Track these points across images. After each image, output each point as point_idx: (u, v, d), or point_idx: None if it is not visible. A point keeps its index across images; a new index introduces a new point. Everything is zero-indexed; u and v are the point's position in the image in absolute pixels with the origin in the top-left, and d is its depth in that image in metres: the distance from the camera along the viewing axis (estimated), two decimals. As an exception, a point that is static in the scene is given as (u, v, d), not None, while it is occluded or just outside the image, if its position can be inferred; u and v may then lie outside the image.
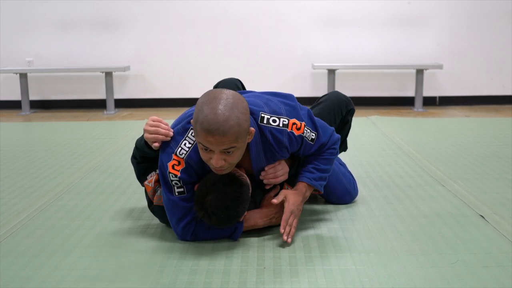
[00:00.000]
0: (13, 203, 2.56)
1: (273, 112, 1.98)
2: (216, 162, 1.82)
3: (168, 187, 1.98)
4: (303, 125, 2.01)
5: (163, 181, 1.98)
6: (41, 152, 3.63)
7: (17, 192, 2.74)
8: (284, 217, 2.03)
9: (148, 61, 5.83)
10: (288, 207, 2.04)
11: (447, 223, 2.22)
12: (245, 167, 2.06)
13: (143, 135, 2.06)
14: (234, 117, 1.77)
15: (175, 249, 1.99)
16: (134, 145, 2.20)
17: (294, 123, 1.99)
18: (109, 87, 5.62)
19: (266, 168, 2.07)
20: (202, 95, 1.84)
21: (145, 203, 2.50)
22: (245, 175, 1.99)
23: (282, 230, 2.01)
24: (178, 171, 1.94)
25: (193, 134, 1.94)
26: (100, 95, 5.84)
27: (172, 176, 1.94)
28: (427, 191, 2.66)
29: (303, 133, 2.02)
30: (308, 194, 2.14)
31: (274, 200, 2.04)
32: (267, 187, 2.13)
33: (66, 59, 5.79)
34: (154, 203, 2.15)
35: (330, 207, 2.43)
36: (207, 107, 1.77)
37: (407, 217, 2.30)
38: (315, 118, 2.11)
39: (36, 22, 5.76)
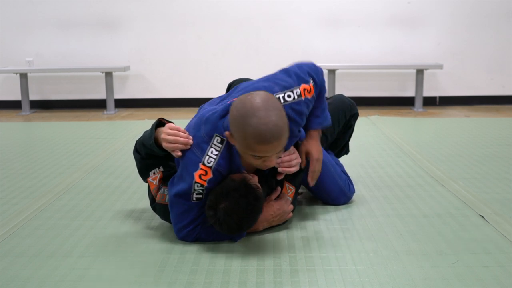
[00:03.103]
0: (13, 203, 2.56)
1: (284, 88, 2.01)
2: (273, 162, 1.89)
3: (187, 194, 1.95)
4: (311, 85, 2.07)
5: (183, 188, 1.95)
6: (41, 152, 3.63)
7: (17, 192, 2.74)
8: (311, 168, 2.16)
9: (148, 61, 5.83)
10: (313, 157, 2.16)
11: (447, 223, 2.22)
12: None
13: (151, 133, 2.04)
14: (279, 117, 1.80)
15: (175, 249, 1.99)
16: (136, 142, 2.17)
17: (304, 89, 2.04)
18: (109, 87, 5.62)
19: (282, 156, 2.07)
20: (235, 107, 1.83)
21: (145, 203, 2.50)
22: (260, 186, 1.98)
23: (310, 179, 2.19)
24: (206, 181, 1.92)
25: (218, 141, 1.92)
26: (100, 95, 5.84)
27: (198, 186, 1.93)
28: (427, 191, 2.66)
29: (314, 93, 2.09)
30: (319, 134, 2.26)
31: (279, 175, 2.12)
32: (280, 177, 2.12)
33: (66, 59, 5.79)
34: (156, 201, 2.15)
35: (330, 207, 2.43)
36: (253, 119, 1.76)
37: (407, 217, 2.30)
38: (306, 66, 2.16)
39: (36, 22, 5.76)
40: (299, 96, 2.02)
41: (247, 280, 1.74)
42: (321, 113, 2.20)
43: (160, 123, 2.09)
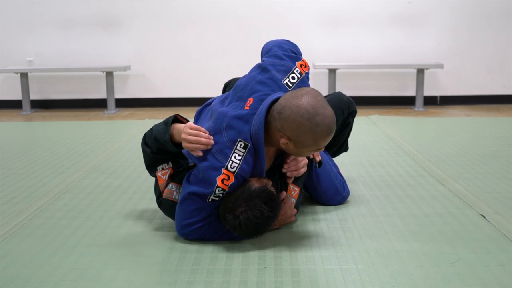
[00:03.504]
0: (13, 202, 2.56)
1: (286, 72, 2.05)
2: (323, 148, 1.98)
3: (204, 195, 1.94)
4: (304, 60, 2.12)
5: (202, 191, 1.94)
6: (42, 152, 3.63)
7: (17, 191, 2.74)
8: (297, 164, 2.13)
9: (149, 61, 5.83)
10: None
11: (448, 222, 2.22)
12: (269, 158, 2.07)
13: (167, 128, 2.02)
14: (328, 105, 1.87)
15: (176, 248, 1.99)
16: (144, 135, 2.16)
17: (301, 65, 2.09)
18: (110, 87, 5.62)
19: (288, 161, 2.09)
20: (297, 114, 1.82)
21: (145, 203, 2.51)
22: (276, 192, 1.99)
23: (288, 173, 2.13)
24: (227, 185, 1.92)
25: (241, 146, 1.92)
26: (101, 94, 5.84)
27: (219, 190, 1.92)
28: (428, 190, 2.66)
29: (309, 67, 2.14)
30: None
31: (289, 179, 2.14)
32: (290, 181, 2.13)
33: (66, 59, 5.79)
34: (163, 196, 2.14)
35: (330, 206, 2.43)
36: (317, 118, 1.81)
37: (408, 216, 2.30)
38: (285, 44, 2.22)
39: (37, 22, 5.76)
40: (300, 74, 2.07)
41: (248, 279, 1.74)
42: None
43: (175, 119, 2.08)
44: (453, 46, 5.73)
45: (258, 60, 2.27)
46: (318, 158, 2.26)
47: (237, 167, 1.91)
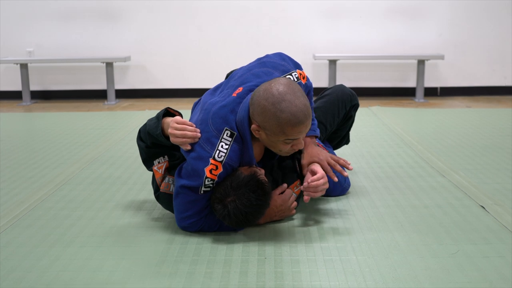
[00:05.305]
0: (14, 193, 2.56)
1: (283, 72, 2.05)
2: (301, 145, 1.93)
3: (195, 187, 1.94)
4: (304, 73, 2.12)
5: (192, 184, 1.94)
6: (42, 143, 3.63)
7: (18, 182, 2.74)
8: (326, 174, 2.09)
9: (149, 52, 5.82)
10: (324, 166, 2.12)
11: (448, 213, 2.22)
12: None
13: (158, 122, 2.03)
14: (304, 97, 1.86)
15: (176, 239, 1.99)
16: (139, 130, 2.16)
17: (300, 73, 2.09)
18: (110, 78, 5.62)
19: (308, 181, 2.02)
20: (262, 98, 1.83)
21: (146, 194, 2.51)
22: (267, 181, 1.98)
23: (335, 179, 2.12)
24: (216, 175, 1.92)
25: (228, 135, 1.92)
26: (101, 85, 5.83)
27: (208, 181, 1.92)
28: (428, 181, 2.66)
29: (307, 81, 2.13)
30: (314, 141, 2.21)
31: (306, 198, 2.04)
32: (306, 200, 2.05)
33: (67, 49, 5.78)
34: (161, 190, 2.14)
35: (331, 198, 2.43)
36: (283, 104, 1.81)
37: (408, 207, 2.30)
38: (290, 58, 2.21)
39: (37, 12, 5.74)
40: (297, 79, 2.05)
41: (248, 270, 1.75)
42: (314, 122, 2.22)
43: (167, 112, 2.08)
44: (453, 37, 5.71)
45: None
46: (335, 179, 2.14)
47: (224, 156, 1.91)
